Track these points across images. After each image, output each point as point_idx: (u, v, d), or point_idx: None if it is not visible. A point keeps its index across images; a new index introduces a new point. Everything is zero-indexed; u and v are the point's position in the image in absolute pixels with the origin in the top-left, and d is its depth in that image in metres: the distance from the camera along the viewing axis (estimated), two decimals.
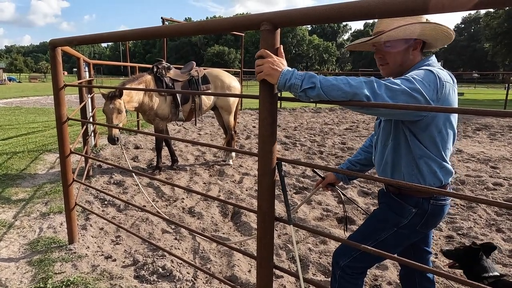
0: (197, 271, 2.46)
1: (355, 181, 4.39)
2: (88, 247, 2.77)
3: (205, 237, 1.95)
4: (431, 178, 1.41)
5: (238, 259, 2.63)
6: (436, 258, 2.67)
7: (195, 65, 5.15)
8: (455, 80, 1.41)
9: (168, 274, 2.42)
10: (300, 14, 1.20)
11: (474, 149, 6.56)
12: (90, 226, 3.12)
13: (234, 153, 5.48)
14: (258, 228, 1.49)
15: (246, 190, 4.23)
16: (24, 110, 12.35)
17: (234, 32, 3.59)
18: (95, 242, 2.88)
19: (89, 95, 5.19)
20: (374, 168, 1.67)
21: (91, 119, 5.29)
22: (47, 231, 3.04)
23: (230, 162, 5.32)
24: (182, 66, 5.39)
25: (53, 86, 2.53)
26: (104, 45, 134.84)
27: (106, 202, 3.72)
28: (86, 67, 5.74)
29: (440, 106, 1.27)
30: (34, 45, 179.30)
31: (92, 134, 5.57)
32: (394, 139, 1.46)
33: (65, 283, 2.26)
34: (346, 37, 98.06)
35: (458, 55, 72.79)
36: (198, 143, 1.74)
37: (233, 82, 5.21)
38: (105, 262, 2.59)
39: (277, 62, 1.25)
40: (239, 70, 13.32)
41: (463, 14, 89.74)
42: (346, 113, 12.46)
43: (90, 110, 5.46)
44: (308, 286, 2.35)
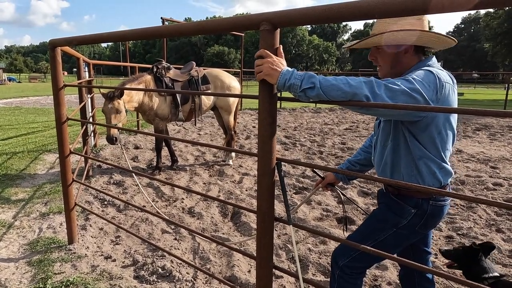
0: (196, 271, 2.46)
1: (355, 181, 4.39)
2: (87, 247, 2.77)
3: (204, 237, 1.95)
4: (431, 179, 1.41)
5: (238, 259, 2.63)
6: (436, 258, 2.67)
7: (195, 65, 5.15)
8: (455, 80, 1.41)
9: (167, 274, 2.42)
10: (299, 14, 1.20)
11: (474, 149, 6.56)
12: (90, 226, 3.12)
13: (234, 153, 5.48)
14: (257, 228, 1.49)
15: (246, 190, 4.23)
16: (24, 110, 12.35)
17: (234, 32, 3.59)
18: (95, 242, 2.88)
19: (88, 95, 5.19)
20: (374, 168, 1.67)
21: (91, 119, 5.29)
22: (47, 231, 3.04)
23: (230, 162, 5.32)
24: (182, 66, 5.39)
25: (52, 86, 2.53)
26: (104, 45, 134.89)
27: (105, 202, 3.72)
28: (86, 67, 5.73)
29: (439, 106, 1.27)
30: (34, 45, 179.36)
31: (92, 134, 5.56)
32: (394, 140, 1.45)
33: (64, 283, 2.26)
34: (346, 37, 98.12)
35: (458, 55, 72.82)
36: (198, 143, 1.74)
37: (233, 82, 5.21)
38: (104, 262, 2.59)
39: (276, 62, 1.25)
40: (239, 70, 13.33)
41: (463, 14, 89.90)
42: (346, 113, 12.46)
43: (90, 110, 5.46)
44: (307, 286, 2.34)
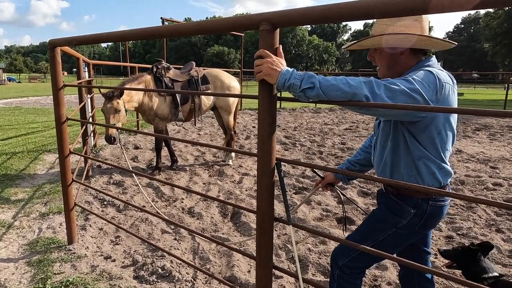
0: (196, 272, 2.46)
1: (355, 181, 4.39)
2: (87, 248, 2.77)
3: (204, 237, 1.95)
4: (430, 179, 1.41)
5: (238, 260, 2.63)
6: (435, 258, 2.67)
7: (195, 65, 5.15)
8: (455, 81, 1.42)
9: (167, 274, 2.42)
10: (299, 14, 1.20)
11: (473, 149, 6.56)
12: (90, 226, 3.12)
13: (233, 153, 5.48)
14: (257, 228, 1.49)
15: (246, 190, 4.23)
16: (23, 110, 12.35)
17: (234, 32, 3.59)
18: (95, 243, 2.88)
19: (88, 95, 5.19)
20: (374, 168, 1.67)
21: (91, 120, 5.29)
22: (47, 232, 3.03)
23: (230, 162, 5.31)
24: (181, 66, 5.39)
25: (52, 86, 2.53)
26: (103, 45, 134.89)
27: (105, 203, 3.72)
28: (86, 67, 5.73)
29: (439, 106, 1.27)
30: (33, 45, 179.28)
31: (91, 134, 5.56)
32: (393, 140, 1.45)
33: (64, 284, 2.26)
34: (346, 37, 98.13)
35: (457, 55, 72.84)
36: (197, 143, 1.74)
37: (232, 82, 5.21)
38: (104, 262, 2.59)
39: (276, 62, 1.25)
40: (239, 70, 13.34)
41: (463, 14, 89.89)
42: (345, 113, 12.46)
43: (90, 110, 5.46)
44: (307, 286, 2.34)
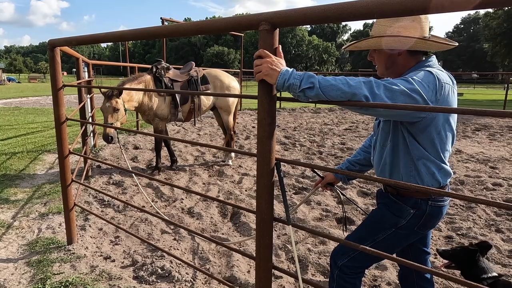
0: (196, 272, 2.46)
1: (354, 181, 4.39)
2: (87, 248, 2.77)
3: (204, 237, 1.95)
4: (429, 179, 1.41)
5: (237, 260, 2.63)
6: (435, 259, 2.67)
7: (194, 65, 5.15)
8: (455, 81, 1.42)
9: (167, 274, 2.42)
10: (298, 14, 1.20)
11: (473, 149, 6.56)
12: (89, 226, 3.12)
13: (233, 153, 5.48)
14: (257, 228, 1.49)
15: (246, 191, 4.23)
16: (23, 111, 12.34)
17: (233, 32, 3.59)
18: (94, 243, 2.88)
19: (88, 96, 5.19)
20: (373, 168, 1.67)
21: (90, 120, 5.28)
22: (46, 232, 3.03)
23: (230, 162, 5.31)
24: (181, 67, 5.39)
25: (52, 87, 2.52)
26: (103, 45, 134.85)
27: (105, 203, 3.72)
28: (85, 68, 5.73)
29: (439, 106, 1.27)
30: (33, 45, 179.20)
31: (91, 135, 5.56)
32: (393, 140, 1.45)
33: (63, 284, 2.26)
34: (345, 37, 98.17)
35: (457, 56, 72.88)
36: (197, 144, 1.74)
37: (232, 82, 5.21)
38: (104, 262, 2.59)
39: (275, 62, 1.25)
40: (239, 71, 13.35)
41: (463, 14, 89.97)
42: (345, 113, 12.46)
43: (89, 111, 5.46)
44: (307, 287, 2.35)
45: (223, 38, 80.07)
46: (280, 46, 1.32)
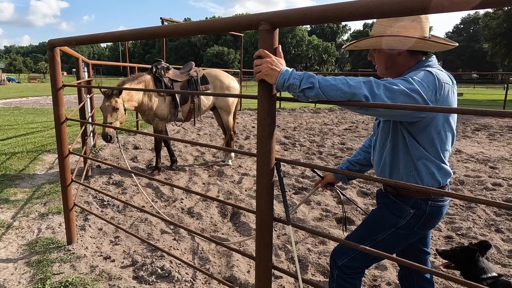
0: (196, 272, 2.46)
1: (354, 181, 4.39)
2: (86, 248, 2.77)
3: (204, 237, 1.94)
4: (429, 179, 1.41)
5: (237, 260, 2.63)
6: (435, 258, 2.67)
7: (194, 65, 5.15)
8: (455, 81, 1.42)
9: (167, 274, 2.42)
10: (298, 14, 1.20)
11: (473, 149, 6.57)
12: (89, 226, 3.12)
13: (233, 153, 5.48)
14: (256, 228, 1.49)
15: (245, 191, 4.23)
16: (23, 111, 12.33)
17: (233, 32, 3.59)
18: (94, 243, 2.88)
19: (88, 96, 5.18)
20: (373, 168, 1.67)
21: (90, 120, 5.28)
22: (46, 232, 3.03)
23: (229, 162, 5.31)
24: (181, 67, 5.39)
25: (51, 87, 2.52)
26: (103, 45, 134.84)
27: (105, 203, 3.72)
28: (85, 68, 5.73)
29: (439, 106, 1.27)
30: (33, 45, 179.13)
31: (91, 135, 5.56)
32: (393, 140, 1.45)
33: (63, 284, 2.26)
34: (345, 37, 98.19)
35: (457, 56, 72.89)
36: (197, 144, 1.74)
37: (232, 82, 5.21)
38: (103, 262, 2.59)
39: (275, 62, 1.25)
40: (238, 71, 13.36)
41: (462, 14, 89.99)
42: (345, 113, 12.47)
43: (89, 110, 5.45)
44: (307, 287, 2.35)
45: (223, 38, 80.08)
46: (280, 46, 1.32)
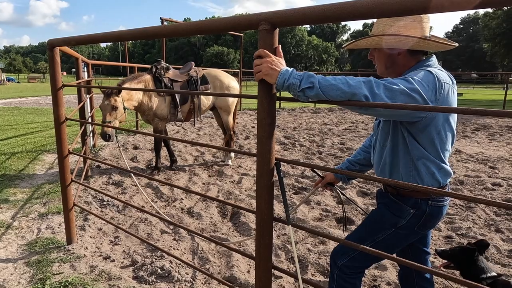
0: (196, 272, 2.46)
1: (354, 181, 4.39)
2: (86, 248, 2.77)
3: (204, 237, 1.94)
4: (429, 179, 1.41)
5: (237, 260, 2.63)
6: (435, 258, 2.67)
7: (194, 65, 5.15)
8: (455, 81, 1.42)
9: (166, 274, 2.41)
10: (298, 14, 1.20)
11: (473, 149, 6.57)
12: (89, 226, 3.11)
13: (233, 153, 5.48)
14: (256, 228, 1.49)
15: (245, 191, 4.22)
16: (22, 111, 12.32)
17: (233, 32, 3.59)
18: (94, 243, 2.87)
19: (87, 96, 5.18)
20: (373, 168, 1.67)
21: (90, 120, 5.28)
22: (46, 232, 3.03)
23: (229, 162, 5.31)
24: (181, 67, 5.39)
25: (51, 87, 2.52)
26: (103, 45, 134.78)
27: (104, 203, 3.72)
28: (85, 68, 5.72)
29: (439, 106, 1.26)
30: (33, 45, 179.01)
31: (90, 135, 5.55)
32: (393, 140, 1.45)
33: (63, 284, 2.26)
34: (345, 37, 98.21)
35: (456, 56, 72.90)
36: (197, 144, 1.73)
37: (232, 82, 5.21)
38: (103, 262, 2.58)
39: (275, 61, 1.25)
40: (238, 71, 13.36)
41: (462, 14, 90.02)
42: (345, 113, 12.47)
43: (89, 110, 5.45)
44: (306, 287, 2.35)
45: (223, 38, 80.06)
46: (279, 46, 1.31)
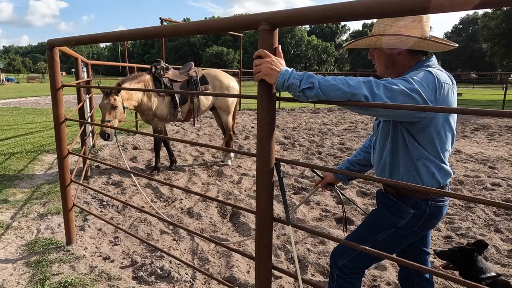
0: (195, 272, 2.46)
1: (354, 181, 4.39)
2: (86, 248, 2.76)
3: (203, 237, 1.94)
4: (429, 179, 1.41)
5: (237, 260, 2.63)
6: (435, 259, 2.67)
7: (194, 65, 5.15)
8: (455, 81, 1.42)
9: (166, 275, 2.41)
10: (298, 14, 1.20)
11: (472, 149, 6.57)
12: (88, 227, 3.11)
13: (232, 153, 5.48)
14: (256, 228, 1.49)
15: (245, 191, 4.22)
16: (22, 111, 12.31)
17: (232, 32, 3.58)
18: (93, 243, 2.87)
19: (87, 96, 5.18)
20: (373, 168, 1.67)
21: (89, 120, 5.27)
22: (45, 232, 3.02)
23: (229, 162, 5.31)
24: (180, 67, 5.39)
25: (51, 87, 2.52)
26: (102, 45, 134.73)
27: (104, 203, 3.71)
28: (84, 68, 5.72)
29: (439, 106, 1.27)
30: (32, 45, 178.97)
31: (90, 135, 5.55)
32: (393, 140, 1.45)
33: (62, 284, 2.25)
34: (344, 37, 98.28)
35: (456, 56, 72.97)
36: (196, 144, 1.73)
37: (231, 83, 5.21)
38: (103, 263, 2.58)
39: (275, 62, 1.25)
40: (238, 71, 13.35)
41: (461, 14, 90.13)
42: (344, 113, 12.47)
43: (88, 111, 5.44)
44: (306, 287, 2.34)
45: (222, 38, 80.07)
46: (279, 46, 1.32)
